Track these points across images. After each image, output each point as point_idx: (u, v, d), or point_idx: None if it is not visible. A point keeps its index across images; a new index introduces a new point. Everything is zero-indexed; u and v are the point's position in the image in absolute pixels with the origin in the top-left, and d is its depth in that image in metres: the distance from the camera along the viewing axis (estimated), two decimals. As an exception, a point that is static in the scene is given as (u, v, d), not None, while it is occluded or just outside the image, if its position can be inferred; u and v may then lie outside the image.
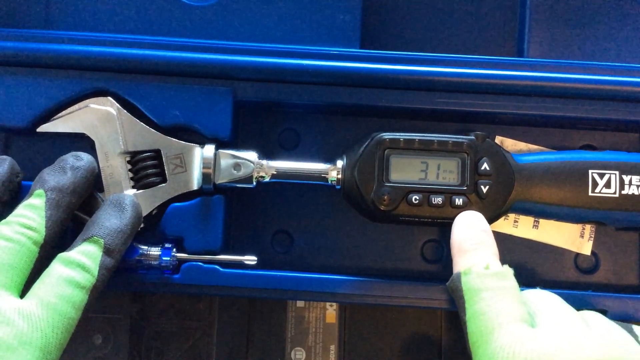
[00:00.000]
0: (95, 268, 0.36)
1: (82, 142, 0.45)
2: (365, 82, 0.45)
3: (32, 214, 0.37)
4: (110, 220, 0.38)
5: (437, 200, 0.42)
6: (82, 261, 0.36)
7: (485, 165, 0.42)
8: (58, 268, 0.36)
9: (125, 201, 0.40)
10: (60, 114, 0.44)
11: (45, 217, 0.37)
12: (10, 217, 0.37)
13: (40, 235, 0.37)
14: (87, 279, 0.36)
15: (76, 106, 0.44)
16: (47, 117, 0.44)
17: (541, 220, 0.47)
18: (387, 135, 0.43)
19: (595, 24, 0.50)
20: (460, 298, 0.37)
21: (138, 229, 0.41)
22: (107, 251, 0.37)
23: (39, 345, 0.33)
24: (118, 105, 0.44)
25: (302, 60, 0.45)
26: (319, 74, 0.45)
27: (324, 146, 0.48)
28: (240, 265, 0.44)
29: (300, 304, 0.49)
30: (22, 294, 0.35)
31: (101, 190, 0.43)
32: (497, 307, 0.35)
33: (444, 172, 0.43)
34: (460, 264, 0.39)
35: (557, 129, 0.48)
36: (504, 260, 0.47)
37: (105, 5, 0.48)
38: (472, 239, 0.40)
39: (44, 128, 0.44)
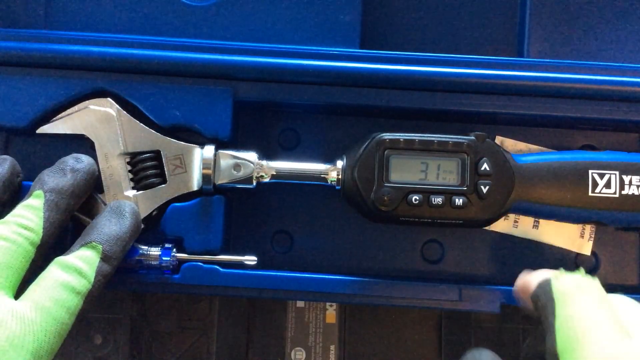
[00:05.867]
0: (91, 274, 0.36)
1: (81, 143, 0.45)
2: (365, 82, 0.45)
3: (30, 215, 0.37)
4: (110, 226, 0.38)
5: (437, 200, 0.42)
6: (79, 266, 0.36)
7: (485, 166, 0.42)
8: (55, 272, 0.35)
9: (125, 208, 0.40)
10: (59, 115, 0.44)
11: (43, 218, 0.37)
12: (8, 217, 0.37)
13: (37, 236, 0.36)
14: (83, 285, 0.36)
15: (76, 107, 0.44)
16: (47, 117, 0.44)
17: (541, 220, 0.47)
18: (387, 136, 0.43)
19: (595, 24, 0.50)
20: (549, 300, 0.34)
21: (136, 237, 0.41)
22: (104, 257, 0.37)
23: (30, 349, 0.32)
24: (118, 106, 0.44)
25: (302, 60, 0.45)
26: (319, 74, 0.45)
27: (324, 146, 0.48)
28: (240, 265, 0.44)
29: (300, 304, 0.49)
30: (17, 295, 0.35)
31: (101, 191, 0.43)
32: (593, 311, 0.32)
33: (444, 172, 0.42)
34: (542, 276, 0.36)
35: (557, 129, 0.48)
36: (503, 259, 0.48)
37: (105, 5, 0.48)
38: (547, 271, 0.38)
39: (43, 129, 0.44)
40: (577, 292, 0.34)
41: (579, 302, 0.33)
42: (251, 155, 0.44)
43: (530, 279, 0.37)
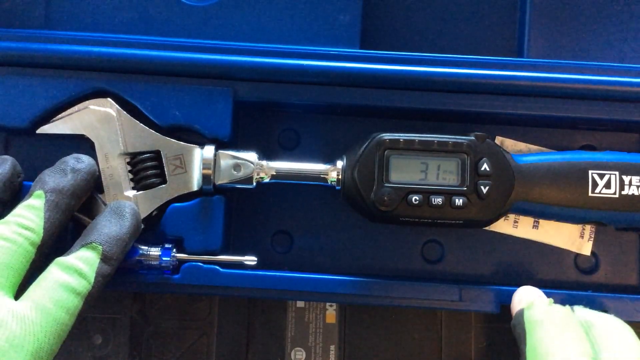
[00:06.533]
0: (91, 275, 0.36)
1: (82, 143, 0.45)
2: (365, 82, 0.45)
3: (30, 215, 0.37)
4: (110, 227, 0.38)
5: (437, 200, 0.42)
6: (79, 267, 0.36)
7: (485, 166, 0.42)
8: (55, 272, 0.35)
9: (125, 209, 0.40)
10: (59, 115, 0.44)
11: (44, 219, 0.37)
12: (8, 217, 0.37)
13: (37, 236, 0.36)
14: (83, 285, 0.36)
15: (76, 107, 0.44)
16: (47, 117, 0.44)
17: (541, 220, 0.47)
18: (387, 136, 0.43)
19: (595, 24, 0.50)
20: (521, 331, 0.37)
21: (136, 237, 0.41)
22: (104, 258, 0.37)
23: (30, 350, 0.32)
24: (117, 106, 0.44)
25: (302, 60, 0.45)
26: (319, 74, 0.45)
27: (324, 146, 0.48)
28: (240, 265, 0.44)
29: (300, 304, 0.49)
30: (17, 296, 0.35)
31: (101, 191, 0.43)
32: (558, 337, 0.35)
33: (443, 172, 0.42)
34: (521, 305, 0.39)
35: (557, 129, 0.48)
36: (503, 259, 0.48)
37: (105, 5, 0.48)
38: (532, 293, 0.40)
39: (43, 129, 0.44)
40: (545, 319, 0.36)
41: (545, 330, 0.35)
42: (251, 155, 0.44)
43: (514, 305, 0.40)
